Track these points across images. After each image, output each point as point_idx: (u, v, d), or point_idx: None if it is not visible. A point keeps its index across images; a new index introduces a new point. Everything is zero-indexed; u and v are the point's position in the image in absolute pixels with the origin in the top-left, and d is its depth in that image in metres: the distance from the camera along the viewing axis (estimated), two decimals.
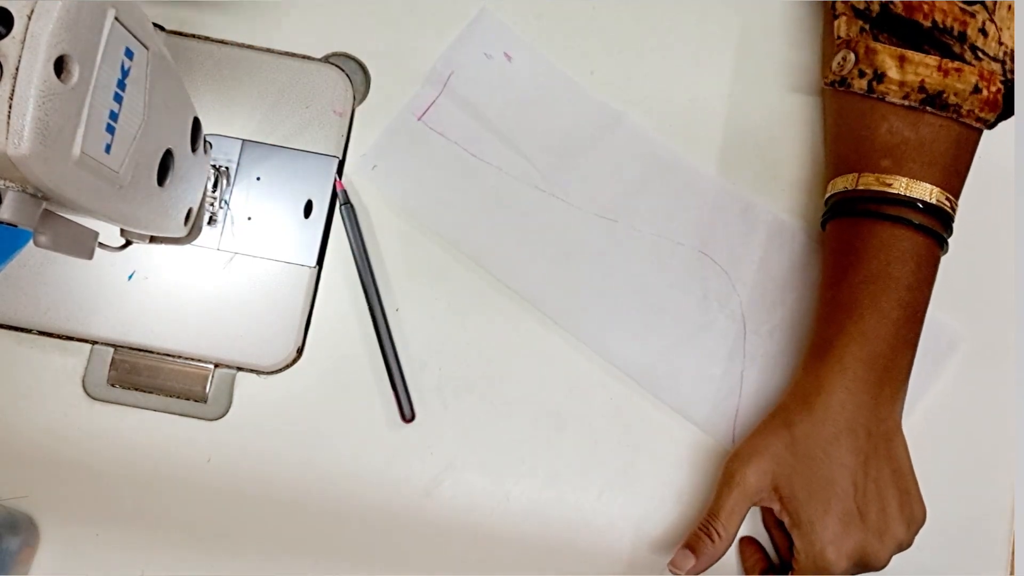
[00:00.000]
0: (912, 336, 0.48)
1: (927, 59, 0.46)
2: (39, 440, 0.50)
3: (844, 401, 0.46)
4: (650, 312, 0.53)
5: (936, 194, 0.46)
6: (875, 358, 0.46)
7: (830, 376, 0.47)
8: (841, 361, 0.47)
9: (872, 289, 0.47)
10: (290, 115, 0.53)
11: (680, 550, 0.47)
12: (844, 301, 0.48)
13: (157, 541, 0.49)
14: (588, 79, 0.55)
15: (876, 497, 0.46)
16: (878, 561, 0.46)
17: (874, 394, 0.46)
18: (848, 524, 0.45)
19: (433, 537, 0.50)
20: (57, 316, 0.50)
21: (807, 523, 0.46)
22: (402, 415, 0.50)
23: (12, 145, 0.28)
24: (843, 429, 0.46)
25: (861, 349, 0.46)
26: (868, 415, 0.46)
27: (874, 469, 0.46)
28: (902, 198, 0.46)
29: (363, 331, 0.52)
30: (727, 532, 0.47)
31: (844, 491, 0.46)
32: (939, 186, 0.46)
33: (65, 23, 0.29)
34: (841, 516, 0.45)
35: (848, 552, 0.45)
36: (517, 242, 0.53)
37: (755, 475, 0.47)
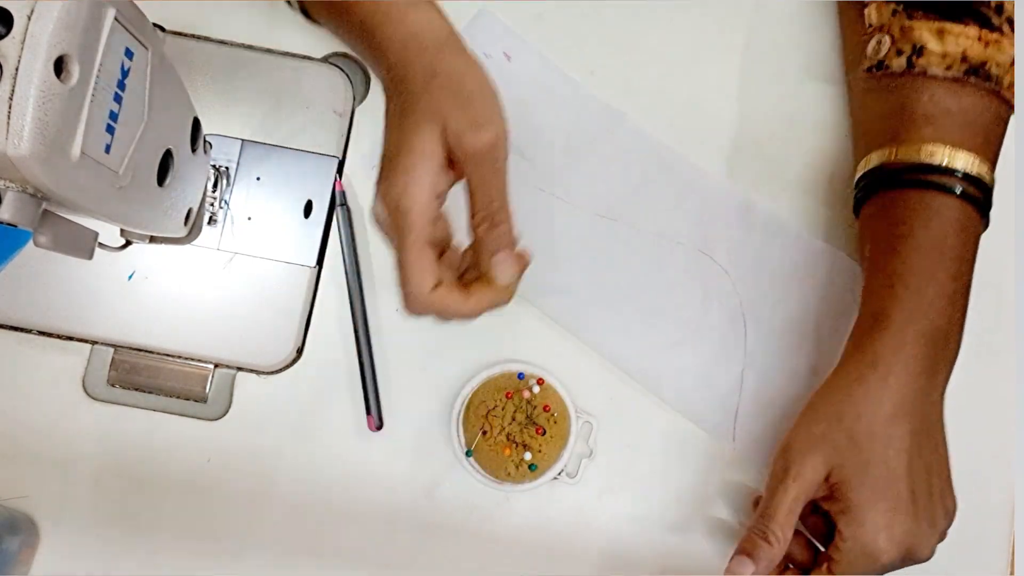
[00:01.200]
0: (963, 312, 0.45)
1: (967, 30, 0.45)
2: (39, 440, 0.50)
3: (902, 379, 0.43)
4: (650, 311, 0.53)
5: (978, 164, 0.45)
6: (934, 333, 0.44)
7: (887, 352, 0.44)
8: (900, 335, 0.44)
9: (928, 260, 0.44)
10: (290, 115, 0.53)
11: (737, 557, 0.43)
12: (900, 272, 0.45)
13: (157, 541, 0.50)
14: (588, 79, 0.55)
15: (926, 483, 0.43)
16: (924, 550, 0.43)
17: (930, 374, 0.44)
18: (899, 511, 0.42)
19: (433, 537, 0.50)
20: (57, 316, 0.50)
21: (857, 507, 0.42)
22: (370, 424, 0.50)
23: (12, 145, 0.28)
24: (900, 409, 0.43)
25: (920, 323, 0.44)
26: (923, 397, 0.44)
27: (927, 453, 0.44)
28: (945, 168, 0.45)
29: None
30: (784, 534, 0.43)
31: (898, 475, 0.43)
32: (980, 156, 0.45)
33: (65, 23, 0.29)
34: (894, 501, 0.42)
35: (899, 539, 0.42)
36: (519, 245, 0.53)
37: (812, 469, 0.43)
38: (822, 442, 0.44)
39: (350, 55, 0.55)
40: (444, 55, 0.42)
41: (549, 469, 0.50)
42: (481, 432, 0.49)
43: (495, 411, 0.50)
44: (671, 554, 0.48)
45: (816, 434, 0.44)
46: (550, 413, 0.50)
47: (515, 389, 0.50)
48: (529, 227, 0.53)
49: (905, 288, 0.44)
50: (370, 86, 0.55)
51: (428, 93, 0.41)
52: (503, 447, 0.49)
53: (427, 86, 0.41)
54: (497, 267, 0.42)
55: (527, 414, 0.50)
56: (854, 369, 0.45)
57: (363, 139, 0.54)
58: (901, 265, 0.45)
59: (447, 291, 0.41)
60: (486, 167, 0.41)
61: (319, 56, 0.54)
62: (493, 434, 0.49)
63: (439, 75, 0.41)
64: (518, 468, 0.49)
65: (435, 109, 0.40)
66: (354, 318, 0.51)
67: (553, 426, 0.50)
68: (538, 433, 0.49)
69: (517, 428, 0.49)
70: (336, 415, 0.51)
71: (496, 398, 0.50)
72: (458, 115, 0.40)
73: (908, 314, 0.44)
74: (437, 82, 0.41)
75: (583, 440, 0.51)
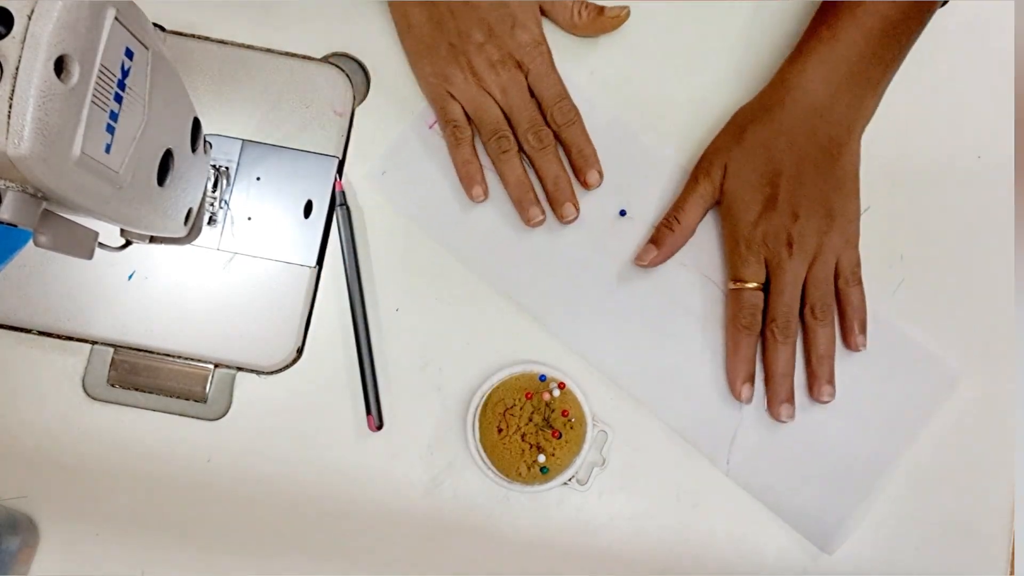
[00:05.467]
0: (889, 55, 0.50)
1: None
2: (39, 440, 0.50)
3: (797, 99, 0.49)
4: (655, 333, 0.52)
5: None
6: (839, 62, 0.49)
7: (789, 76, 0.50)
8: (804, 61, 0.49)
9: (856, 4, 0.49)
10: (290, 115, 0.53)
11: (645, 245, 0.51)
12: (826, 6, 0.50)
13: (157, 541, 0.50)
14: (589, 79, 0.55)
15: (801, 188, 0.49)
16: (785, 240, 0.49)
17: (832, 96, 0.49)
18: (768, 207, 0.49)
19: (433, 537, 0.50)
20: (57, 316, 0.50)
21: (733, 205, 0.50)
22: (370, 424, 0.50)
23: (12, 145, 0.28)
24: (790, 125, 0.49)
25: (827, 51, 0.49)
26: (817, 116, 0.49)
27: (810, 164, 0.49)
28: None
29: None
30: (687, 220, 0.51)
31: (771, 179, 0.49)
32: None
33: (65, 23, 0.29)
34: (764, 200, 0.49)
35: (763, 229, 0.49)
36: (521, 257, 0.53)
37: (713, 171, 0.51)
38: (723, 150, 0.51)
39: (350, 55, 0.55)
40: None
41: (560, 474, 0.50)
42: (497, 430, 0.49)
43: (513, 410, 0.49)
44: (670, 555, 0.48)
45: (720, 144, 0.52)
46: (567, 418, 0.50)
47: (535, 390, 0.50)
48: (531, 240, 0.53)
49: (821, 21, 0.50)
50: (370, 86, 0.55)
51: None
52: (517, 447, 0.49)
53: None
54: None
55: (544, 416, 0.50)
56: (763, 92, 0.52)
57: (363, 139, 0.54)
58: (839, 4, 0.49)
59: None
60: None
61: (319, 56, 0.54)
62: (509, 433, 0.49)
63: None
64: (530, 469, 0.49)
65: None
66: (354, 318, 0.51)
67: (569, 431, 0.50)
68: (554, 436, 0.49)
69: (533, 429, 0.49)
70: (336, 415, 0.51)
71: (515, 397, 0.50)
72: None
73: (817, 42, 0.49)
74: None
75: (597, 449, 0.51)
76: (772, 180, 0.49)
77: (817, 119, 0.49)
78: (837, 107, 0.49)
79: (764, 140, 0.50)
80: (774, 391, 0.50)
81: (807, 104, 0.49)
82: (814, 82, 0.49)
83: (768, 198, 0.49)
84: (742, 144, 0.50)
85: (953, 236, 0.54)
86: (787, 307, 0.50)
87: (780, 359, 0.50)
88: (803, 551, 0.51)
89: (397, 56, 0.55)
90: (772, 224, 0.49)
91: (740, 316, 0.50)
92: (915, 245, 0.54)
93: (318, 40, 0.55)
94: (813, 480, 0.51)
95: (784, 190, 0.49)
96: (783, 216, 0.49)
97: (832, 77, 0.49)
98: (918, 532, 0.51)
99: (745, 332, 0.50)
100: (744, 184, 0.50)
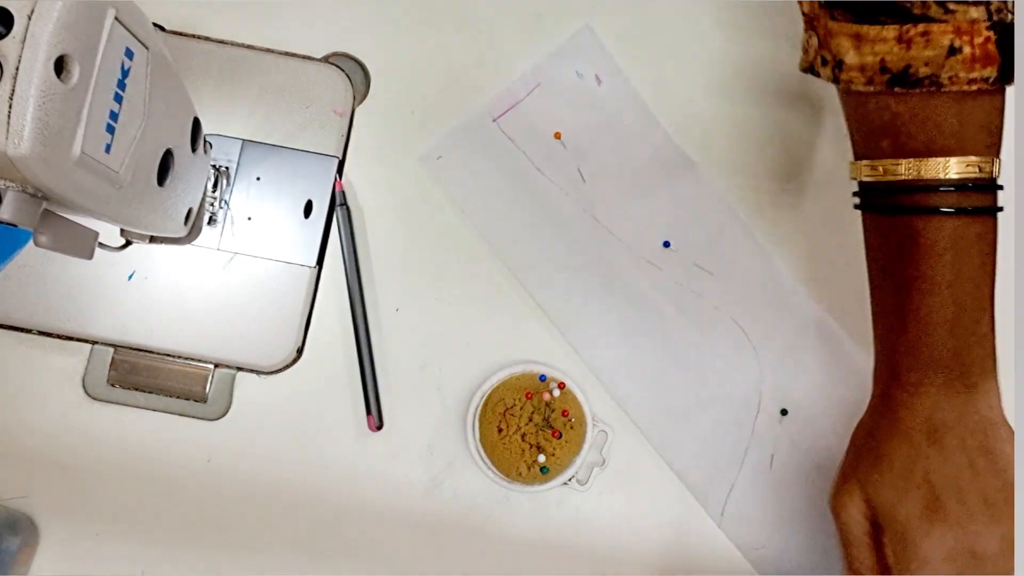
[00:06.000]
0: (976, 326, 0.42)
1: (884, 31, 0.38)
2: (39, 440, 0.50)
3: (913, 406, 0.42)
4: (673, 368, 0.52)
5: (954, 165, 0.39)
6: (931, 363, 0.42)
7: (893, 391, 0.43)
8: (903, 375, 0.43)
9: (908, 295, 0.42)
10: (290, 115, 0.53)
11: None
12: (886, 311, 0.44)
13: (157, 541, 0.49)
14: (667, 117, 0.54)
15: (952, 486, 0.41)
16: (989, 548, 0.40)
17: (944, 394, 0.42)
18: (937, 519, 0.41)
19: (433, 537, 0.50)
20: (57, 316, 0.50)
21: (895, 527, 0.41)
22: (370, 424, 0.50)
23: (12, 145, 0.28)
24: (917, 426, 0.42)
25: (914, 359, 0.42)
26: (944, 413, 0.42)
27: (952, 458, 0.41)
28: (914, 183, 0.40)
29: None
30: (867, 568, 0.43)
31: (920, 482, 0.41)
32: (957, 155, 0.39)
33: (65, 23, 0.29)
34: (924, 508, 0.41)
35: (950, 545, 0.40)
36: (558, 264, 0.52)
37: (854, 507, 0.43)
38: (853, 477, 0.44)
39: (350, 55, 0.55)
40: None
41: (560, 474, 0.50)
42: (497, 430, 0.49)
43: (513, 410, 0.49)
44: (670, 554, 0.48)
45: (849, 473, 0.44)
46: (568, 418, 0.50)
47: (535, 390, 0.50)
48: (572, 250, 0.53)
49: (890, 329, 0.44)
50: (370, 86, 0.55)
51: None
52: (517, 447, 0.49)
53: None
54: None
55: (545, 416, 0.50)
56: (872, 411, 0.45)
57: (363, 139, 0.54)
58: (884, 304, 0.44)
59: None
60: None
61: (319, 56, 0.54)
62: (509, 432, 0.49)
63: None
64: (530, 469, 0.49)
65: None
66: (354, 318, 0.51)
67: (569, 431, 0.50)
68: (554, 436, 0.49)
69: (533, 429, 0.49)
70: (336, 415, 0.51)
71: (515, 397, 0.50)
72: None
73: (901, 354, 0.43)
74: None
75: (596, 449, 0.51)
76: (925, 477, 0.41)
77: (956, 424, 0.42)
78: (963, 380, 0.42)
79: (907, 464, 0.42)
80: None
81: (938, 420, 0.42)
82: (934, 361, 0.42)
83: (928, 500, 0.41)
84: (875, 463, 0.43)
85: None
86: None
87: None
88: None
89: (397, 56, 0.55)
90: (946, 537, 0.40)
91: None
92: None
93: (318, 40, 0.55)
94: (804, 549, 0.50)
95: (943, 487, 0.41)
96: (957, 521, 0.40)
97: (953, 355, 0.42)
98: None
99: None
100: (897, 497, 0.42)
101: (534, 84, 0.54)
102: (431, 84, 0.55)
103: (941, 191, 0.40)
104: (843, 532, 0.44)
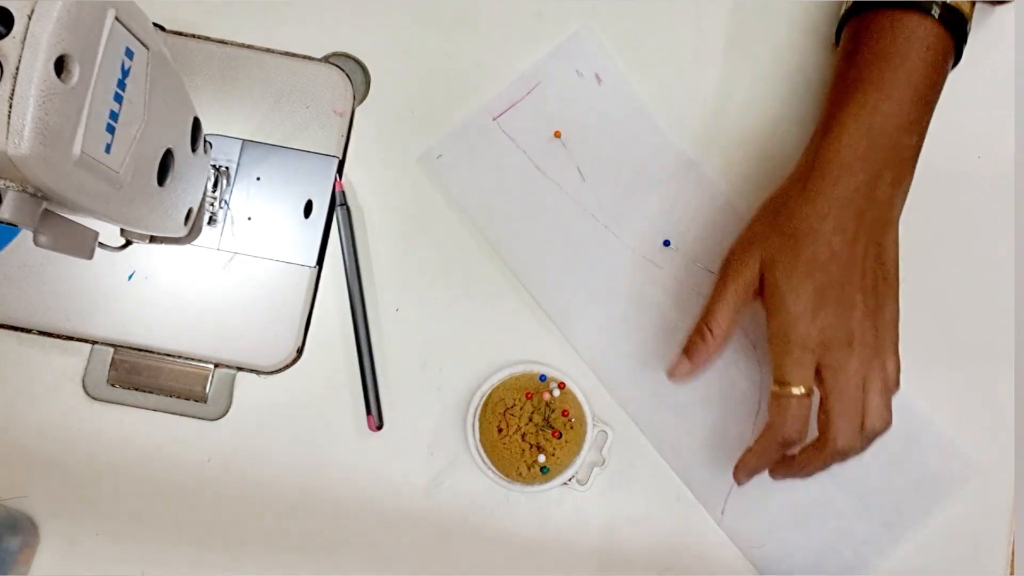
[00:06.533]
0: (921, 120, 0.45)
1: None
2: (39, 440, 0.50)
3: (838, 178, 0.44)
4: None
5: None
6: (877, 136, 0.44)
7: (827, 153, 0.45)
8: (840, 139, 0.44)
9: (880, 65, 0.45)
10: (290, 115, 0.53)
11: (676, 355, 0.47)
12: (850, 78, 0.46)
13: (157, 541, 0.50)
14: (667, 116, 0.54)
15: (858, 279, 0.44)
16: (843, 344, 0.43)
17: (873, 174, 0.44)
18: (823, 298, 0.43)
19: (433, 537, 0.50)
20: (57, 316, 0.50)
21: (781, 297, 0.44)
22: (370, 423, 0.51)
23: (12, 145, 0.28)
24: (834, 207, 0.44)
25: (862, 126, 0.44)
26: (863, 197, 0.44)
27: (861, 248, 0.44)
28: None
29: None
30: (720, 329, 0.46)
31: (823, 266, 0.43)
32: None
33: (65, 23, 0.29)
34: (816, 289, 0.43)
35: (819, 325, 0.43)
36: (557, 263, 0.53)
37: (746, 266, 0.45)
38: (757, 240, 0.46)
39: (350, 55, 0.55)
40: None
41: (560, 474, 0.50)
42: (497, 430, 0.49)
43: (513, 410, 0.49)
44: (670, 554, 0.48)
45: (753, 233, 0.47)
46: (568, 418, 0.50)
47: (535, 390, 0.50)
48: (572, 249, 0.53)
49: (850, 94, 0.45)
50: (370, 86, 0.55)
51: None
52: (517, 446, 0.49)
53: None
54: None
55: (545, 416, 0.50)
56: (796, 173, 0.46)
57: (363, 139, 0.54)
58: (852, 73, 0.46)
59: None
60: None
61: (319, 56, 0.54)
62: (509, 432, 0.49)
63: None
64: (530, 469, 0.49)
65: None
66: (354, 318, 0.51)
67: (569, 431, 0.50)
68: (554, 436, 0.49)
69: (533, 429, 0.49)
70: (336, 415, 0.51)
71: (515, 397, 0.50)
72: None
73: (849, 117, 0.45)
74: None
75: (597, 449, 0.51)
76: (822, 267, 0.43)
77: (863, 200, 0.44)
78: (881, 185, 0.44)
79: (808, 226, 0.44)
80: (792, 474, 0.46)
81: (851, 184, 0.44)
82: (855, 159, 0.44)
83: (819, 287, 0.43)
84: (781, 230, 0.45)
85: (953, 236, 0.54)
86: (849, 425, 0.43)
87: (819, 468, 0.44)
88: None
89: (397, 56, 0.55)
90: (828, 319, 0.43)
91: (783, 429, 0.43)
92: (915, 245, 0.54)
93: (318, 40, 0.55)
94: (804, 548, 0.50)
95: (836, 280, 0.43)
96: (840, 309, 0.43)
97: (872, 154, 0.44)
98: (918, 532, 0.51)
99: (782, 448, 0.44)
100: (789, 274, 0.44)
101: (534, 83, 0.54)
102: (431, 84, 0.55)
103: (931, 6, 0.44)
104: (721, 291, 0.46)
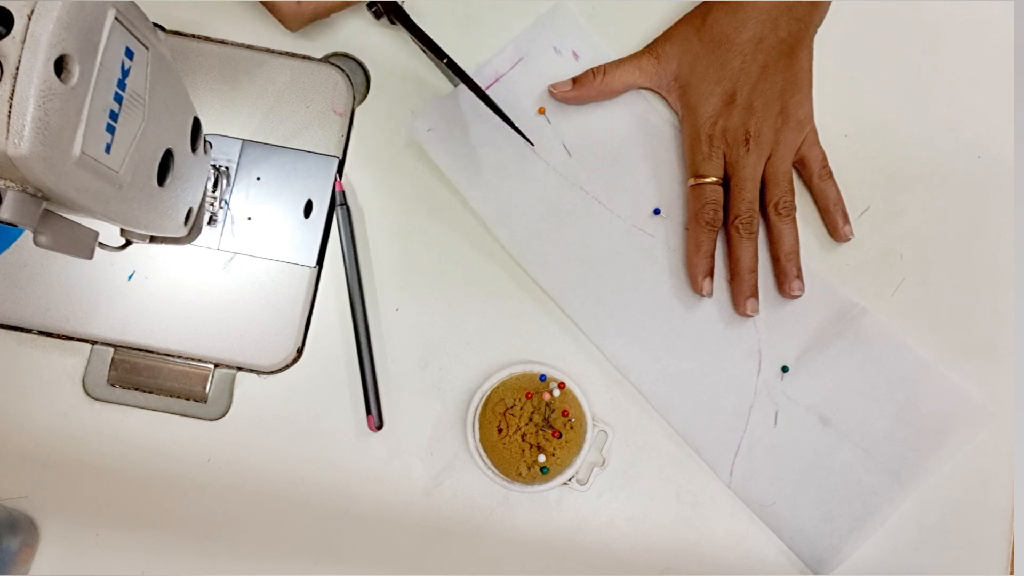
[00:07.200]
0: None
1: None
2: (39, 440, 0.50)
3: (745, 24, 0.50)
4: (672, 334, 0.52)
5: None
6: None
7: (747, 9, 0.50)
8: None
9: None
10: (290, 115, 0.53)
11: (564, 81, 0.53)
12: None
13: (157, 541, 0.50)
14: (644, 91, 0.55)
15: (764, 84, 0.50)
16: (743, 137, 0.50)
17: (777, 17, 0.50)
18: (731, 103, 0.50)
19: (433, 537, 0.50)
20: (57, 316, 0.50)
21: (695, 101, 0.51)
22: (370, 423, 0.51)
23: (12, 145, 0.28)
24: (752, 18, 0.50)
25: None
26: (782, 12, 0.50)
27: (771, 58, 0.50)
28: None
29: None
30: (611, 78, 0.52)
31: (732, 74, 0.50)
32: None
33: (65, 23, 0.29)
34: (723, 94, 0.50)
35: (723, 126, 0.50)
36: (552, 238, 0.53)
37: (667, 56, 0.52)
38: (677, 38, 0.53)
39: (350, 55, 0.55)
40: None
41: (560, 474, 0.50)
42: (497, 429, 0.49)
43: (513, 410, 0.49)
44: (670, 554, 0.48)
45: (679, 33, 0.53)
46: (568, 418, 0.50)
47: (535, 390, 0.50)
48: (566, 224, 0.53)
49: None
50: (370, 86, 0.55)
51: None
52: (517, 446, 0.49)
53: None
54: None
55: (545, 416, 0.50)
56: (717, 9, 0.52)
57: (363, 139, 0.54)
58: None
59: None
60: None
61: (319, 56, 0.54)
62: (509, 432, 0.49)
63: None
64: (530, 469, 0.49)
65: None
66: (354, 318, 0.51)
67: (569, 431, 0.50)
68: (554, 436, 0.49)
69: (533, 429, 0.49)
70: (336, 415, 0.51)
71: (515, 397, 0.50)
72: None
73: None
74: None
75: (597, 449, 0.51)
76: (732, 75, 0.51)
77: (781, 14, 0.51)
78: (800, 2, 0.51)
79: (727, 33, 0.51)
80: (739, 287, 0.51)
81: (762, 36, 0.50)
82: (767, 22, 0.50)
83: (727, 92, 0.51)
84: (702, 36, 0.51)
85: (953, 236, 0.54)
86: (749, 202, 0.50)
87: (745, 255, 0.50)
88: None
89: (397, 56, 0.55)
90: (732, 119, 0.50)
91: (703, 212, 0.50)
92: (915, 245, 0.54)
93: (318, 40, 0.55)
94: (814, 503, 0.50)
95: (744, 85, 0.50)
96: (742, 111, 0.50)
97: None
98: (918, 532, 0.51)
99: (707, 228, 0.50)
100: (704, 77, 0.51)
101: (516, 59, 0.55)
102: (431, 84, 0.55)
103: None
104: (636, 57, 0.53)
